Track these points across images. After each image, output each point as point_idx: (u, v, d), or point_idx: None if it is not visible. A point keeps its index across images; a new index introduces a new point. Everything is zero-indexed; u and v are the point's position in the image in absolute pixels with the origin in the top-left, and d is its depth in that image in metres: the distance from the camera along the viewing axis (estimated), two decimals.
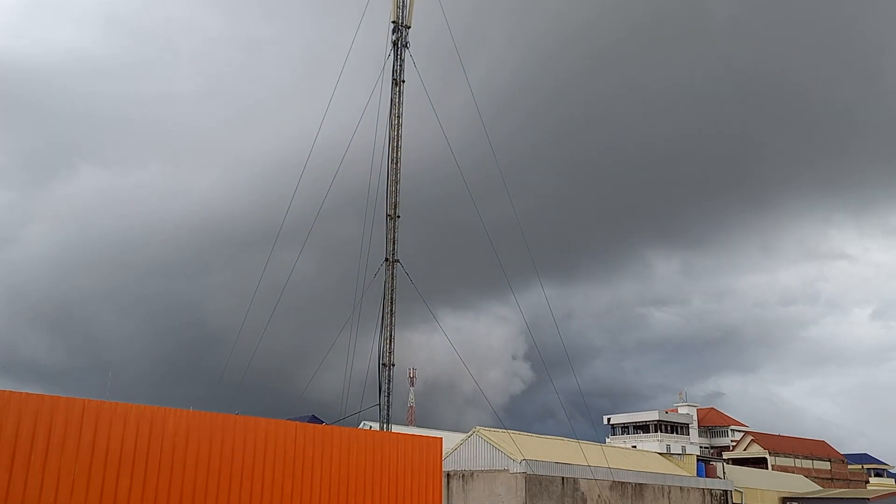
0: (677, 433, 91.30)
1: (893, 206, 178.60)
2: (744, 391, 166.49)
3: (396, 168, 25.42)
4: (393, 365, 23.90)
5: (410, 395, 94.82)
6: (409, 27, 26.70)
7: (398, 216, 25.10)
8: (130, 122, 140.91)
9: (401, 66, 26.33)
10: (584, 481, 41.03)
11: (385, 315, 24.20)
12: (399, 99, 26.04)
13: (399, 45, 26.46)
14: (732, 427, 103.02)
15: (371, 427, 28.91)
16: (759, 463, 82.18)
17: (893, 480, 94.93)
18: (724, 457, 79.87)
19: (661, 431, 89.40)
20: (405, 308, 25.53)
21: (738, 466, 66.44)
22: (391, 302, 24.30)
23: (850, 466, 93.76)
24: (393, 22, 26.57)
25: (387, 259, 24.67)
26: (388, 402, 23.66)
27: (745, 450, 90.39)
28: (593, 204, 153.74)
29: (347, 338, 24.91)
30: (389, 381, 23.75)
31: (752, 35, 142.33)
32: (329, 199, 27.56)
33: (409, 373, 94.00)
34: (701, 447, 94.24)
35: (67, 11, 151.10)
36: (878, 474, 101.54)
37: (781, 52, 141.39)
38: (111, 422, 13.20)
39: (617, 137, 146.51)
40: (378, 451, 16.84)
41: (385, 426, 23.33)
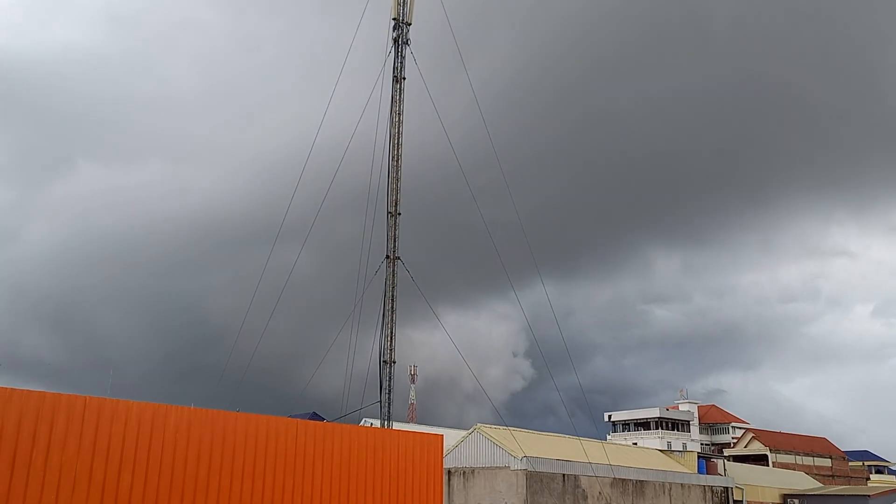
0: (678, 430, 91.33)
1: (894, 203, 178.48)
2: (744, 388, 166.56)
3: (397, 165, 25.41)
4: (394, 362, 23.92)
5: (411, 393, 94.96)
6: (410, 24, 26.66)
7: (399, 213, 25.10)
8: (131, 121, 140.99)
9: (401, 63, 26.30)
10: (585, 478, 41.06)
11: (386, 312, 24.22)
12: (400, 96, 26.02)
13: (400, 43, 26.43)
14: (733, 424, 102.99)
15: (372, 424, 28.93)
16: (760, 460, 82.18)
17: (894, 477, 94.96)
18: (725, 454, 79.93)
19: (662, 428, 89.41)
20: (406, 305, 25.56)
21: (739, 463, 66.47)
22: (392, 299, 24.31)
23: (850, 463, 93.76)
24: (394, 19, 26.54)
25: (388, 256, 24.67)
26: (389, 399, 23.68)
27: (745, 447, 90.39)
28: (594, 201, 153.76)
29: (348, 335, 24.95)
30: (390, 378, 23.77)
31: (753, 35, 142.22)
32: (330, 197, 27.58)
33: (409, 370, 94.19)
34: (702, 444, 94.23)
35: (68, 10, 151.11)
36: (879, 471, 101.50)
37: (782, 50, 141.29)
38: (112, 419, 13.21)
39: (618, 135, 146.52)
40: (379, 449, 16.85)
41: (386, 423, 23.35)
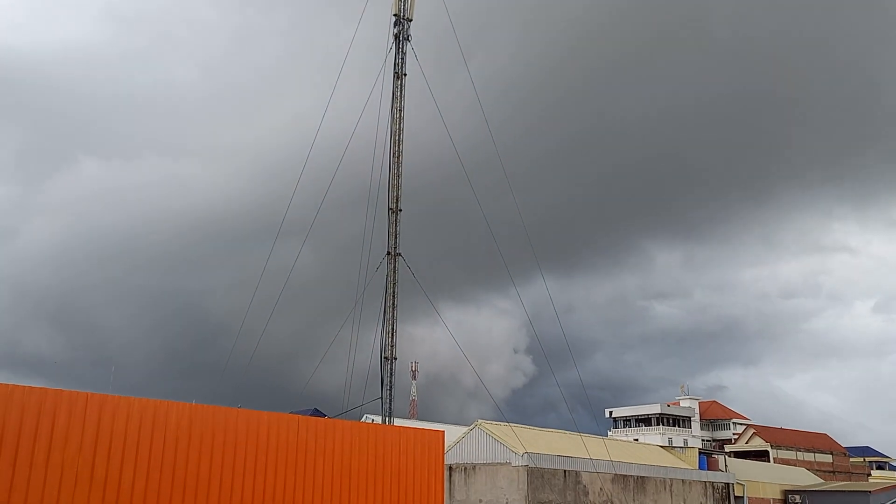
0: (679, 426, 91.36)
1: (895, 198, 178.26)
2: (745, 384, 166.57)
3: (398, 162, 25.38)
4: (395, 358, 23.92)
5: (412, 389, 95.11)
6: (411, 20, 26.61)
7: (400, 210, 25.08)
8: (131, 118, 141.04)
9: (402, 59, 26.26)
10: (586, 474, 41.10)
11: (387, 309, 24.22)
12: (401, 93, 25.98)
13: (401, 39, 26.38)
14: (734, 420, 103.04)
15: (373, 420, 28.95)
16: (761, 456, 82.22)
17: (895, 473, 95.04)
18: (726, 450, 79.86)
19: (663, 424, 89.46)
20: (407, 302, 25.57)
21: (740, 459, 66.51)
22: (393, 295, 24.31)
23: (851, 459, 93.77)
24: (395, 15, 26.49)
25: (389, 253, 24.66)
26: (391, 395, 23.68)
27: (746, 443, 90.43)
28: (595, 197, 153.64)
29: (349, 331, 24.96)
30: (391, 374, 23.78)
31: (754, 32, 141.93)
32: (331, 194, 27.57)
33: (410, 366, 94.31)
34: (703, 440, 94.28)
35: (69, 8, 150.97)
36: (880, 467, 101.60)
37: (782, 47, 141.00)
38: (114, 416, 13.23)
39: (619, 131, 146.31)
40: (380, 445, 16.87)
41: (387, 420, 23.37)
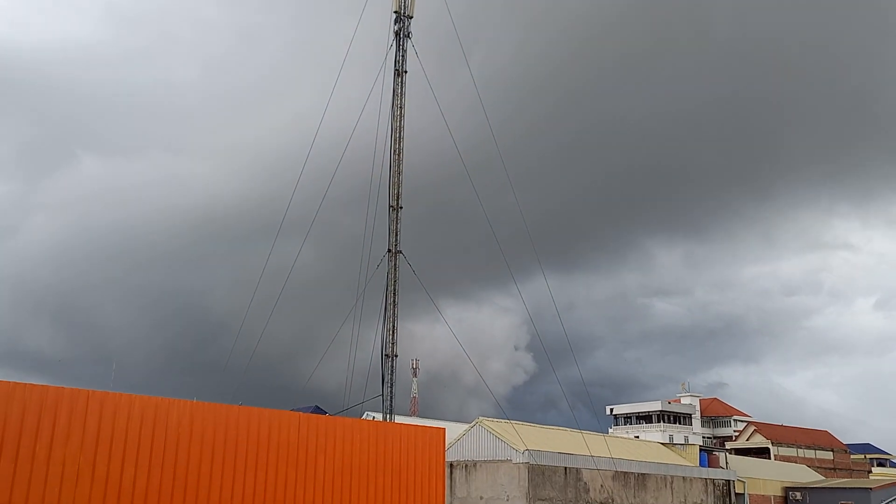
0: (680, 423, 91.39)
1: None
2: (746, 381, 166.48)
3: (399, 159, 25.36)
4: (396, 356, 23.93)
5: (413, 386, 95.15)
6: (412, 17, 26.57)
7: (401, 207, 25.08)
8: (131, 112, 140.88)
9: (403, 56, 26.22)
10: (587, 471, 41.14)
11: (387, 306, 24.22)
12: (401, 89, 25.95)
13: (401, 36, 26.34)
14: (735, 417, 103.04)
15: (374, 418, 28.97)
16: (762, 453, 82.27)
17: None
18: (727, 447, 79.94)
19: (664, 422, 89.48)
20: (408, 299, 25.58)
21: (741, 456, 66.58)
22: (394, 293, 24.31)
23: (852, 456, 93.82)
24: (395, 12, 26.45)
25: (389, 250, 24.65)
26: (391, 392, 23.70)
27: (747, 440, 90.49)
28: (595, 194, 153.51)
29: (350, 329, 24.97)
30: (392, 371, 23.79)
31: (755, 29, 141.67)
32: (331, 191, 27.57)
33: (411, 364, 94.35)
34: (704, 437, 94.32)
35: (69, 4, 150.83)
36: (881, 464, 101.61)
37: (788, 41, 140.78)
38: (115, 413, 13.24)
39: (619, 129, 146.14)
40: (381, 442, 16.87)
41: (388, 417, 23.38)
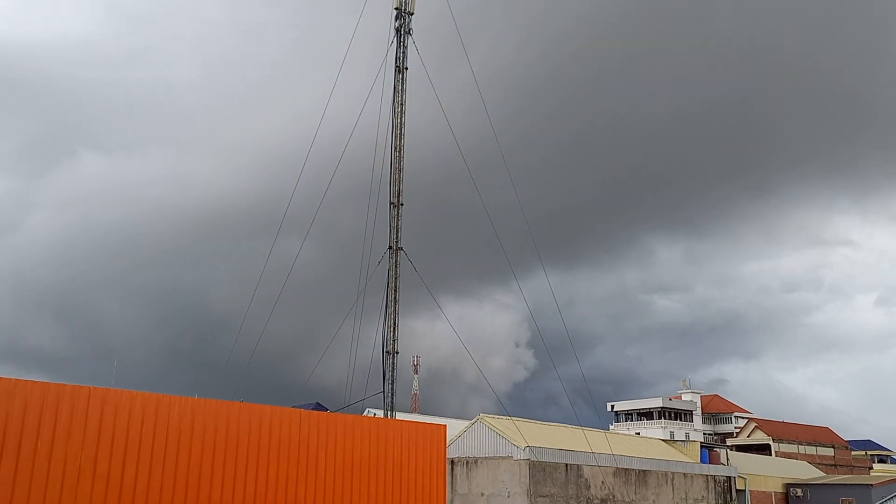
0: (681, 420, 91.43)
1: None
2: (747, 378, 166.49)
3: (399, 156, 25.35)
4: (396, 353, 23.95)
5: (414, 383, 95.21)
6: (412, 14, 26.54)
7: (402, 204, 25.07)
8: (131, 109, 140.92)
9: (404, 53, 26.19)
10: (588, 468, 41.18)
11: (389, 303, 24.24)
12: (402, 86, 25.93)
13: (402, 33, 26.31)
14: (736, 414, 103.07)
15: (375, 414, 29.01)
16: (763, 449, 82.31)
17: None
18: (728, 443, 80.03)
19: (665, 418, 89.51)
20: (408, 296, 25.59)
21: (742, 453, 66.61)
22: (394, 290, 24.32)
23: (853, 453, 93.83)
24: (396, 9, 26.42)
25: (390, 247, 24.66)
26: (392, 389, 23.73)
27: (748, 436, 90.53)
28: (596, 190, 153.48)
29: (351, 326, 24.99)
30: (393, 368, 23.81)
31: (756, 25, 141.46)
32: (332, 188, 27.58)
33: (412, 360, 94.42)
34: (704, 434, 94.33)
35: (69, 1, 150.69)
36: (882, 460, 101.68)
37: (787, 36, 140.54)
38: (116, 410, 13.25)
39: (620, 125, 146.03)
40: (382, 439, 16.89)
41: (389, 413, 23.41)
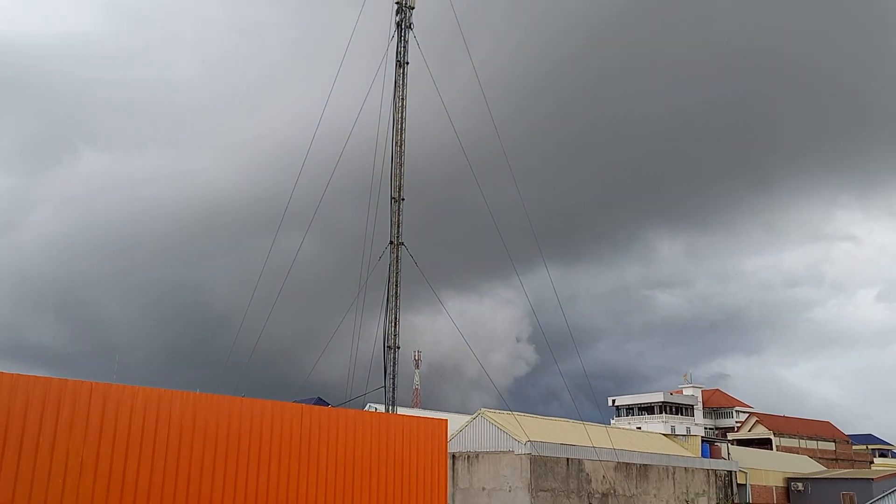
0: (682, 414, 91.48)
1: None
2: (748, 373, 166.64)
3: (400, 151, 25.30)
4: (398, 347, 23.96)
5: (415, 378, 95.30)
6: (413, 8, 26.45)
7: (403, 199, 25.04)
8: (132, 106, 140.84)
9: (405, 47, 26.11)
10: (589, 462, 41.23)
11: (390, 298, 24.24)
12: (403, 81, 25.86)
13: (403, 27, 26.23)
14: (737, 408, 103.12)
15: (376, 409, 29.05)
16: (764, 444, 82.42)
17: None
18: (729, 438, 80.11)
19: (666, 413, 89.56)
20: (410, 291, 25.58)
21: (743, 447, 66.71)
22: (396, 285, 24.31)
23: (854, 447, 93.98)
24: (396, 3, 26.34)
25: (391, 242, 24.65)
26: (394, 384, 23.74)
27: (749, 431, 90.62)
28: (597, 186, 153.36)
29: (352, 321, 25.00)
30: (394, 363, 23.82)
31: (758, 21, 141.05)
32: (333, 184, 27.54)
33: (414, 355, 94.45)
34: (706, 428, 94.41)
35: None
36: (883, 455, 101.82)
37: (788, 32, 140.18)
38: (118, 405, 13.27)
39: (621, 119, 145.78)
40: (384, 433, 16.91)
41: (390, 408, 23.43)
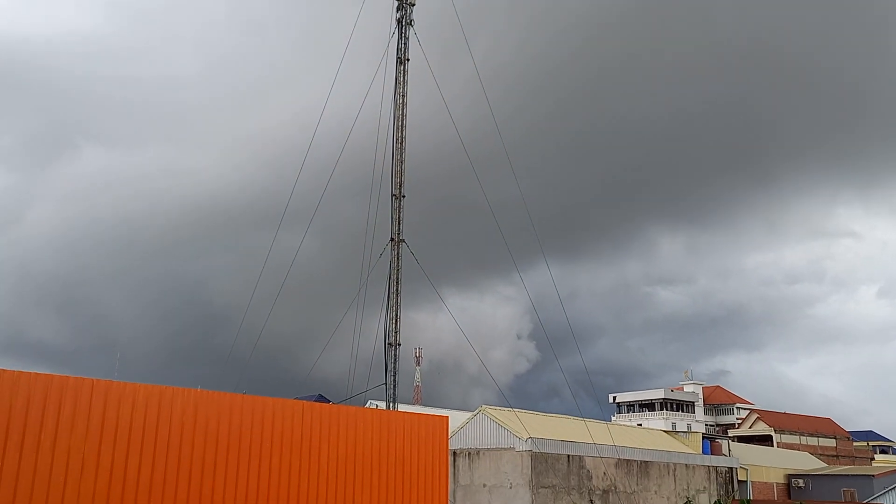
0: (683, 411, 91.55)
1: None
2: (749, 369, 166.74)
3: (401, 147, 25.27)
4: (399, 344, 23.96)
5: (416, 375, 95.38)
6: (414, 4, 26.39)
7: (403, 196, 25.02)
8: (133, 103, 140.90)
9: (405, 44, 26.06)
10: (590, 459, 41.25)
11: (390, 295, 24.23)
12: (403, 78, 25.82)
13: (403, 23, 26.18)
14: (738, 405, 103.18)
15: (377, 406, 29.06)
16: (765, 440, 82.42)
17: None
18: (730, 434, 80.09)
19: (667, 409, 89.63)
20: (410, 288, 25.57)
21: (744, 444, 66.74)
22: (397, 282, 24.31)
23: (855, 444, 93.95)
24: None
25: (392, 239, 24.63)
26: (395, 381, 23.74)
27: (750, 427, 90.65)
28: (598, 182, 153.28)
29: (353, 318, 25.00)
30: (395, 360, 23.82)
31: (758, 17, 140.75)
32: (334, 180, 27.53)
33: (414, 352, 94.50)
34: (706, 425, 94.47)
35: None
36: (884, 451, 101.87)
37: (788, 28, 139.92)
38: (120, 402, 13.27)
39: (622, 116, 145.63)
40: (385, 430, 16.91)
41: (391, 405, 23.44)
